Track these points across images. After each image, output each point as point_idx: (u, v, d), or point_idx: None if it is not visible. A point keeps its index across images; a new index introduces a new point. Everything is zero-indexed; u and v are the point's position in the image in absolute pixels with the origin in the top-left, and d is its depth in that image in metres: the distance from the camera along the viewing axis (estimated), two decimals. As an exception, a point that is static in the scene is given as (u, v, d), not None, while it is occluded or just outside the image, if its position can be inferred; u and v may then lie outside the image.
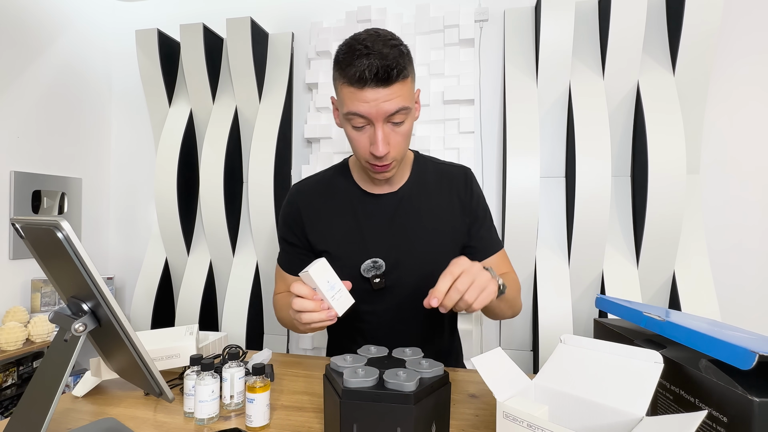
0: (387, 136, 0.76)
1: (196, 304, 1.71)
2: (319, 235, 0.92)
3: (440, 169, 0.94)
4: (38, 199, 1.76)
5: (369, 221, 0.90)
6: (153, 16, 1.98)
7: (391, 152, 0.78)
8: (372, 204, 0.90)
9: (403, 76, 0.73)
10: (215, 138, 1.69)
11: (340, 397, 0.53)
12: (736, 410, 0.42)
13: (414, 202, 0.90)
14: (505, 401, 0.49)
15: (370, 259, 0.87)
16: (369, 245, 0.88)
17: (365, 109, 0.74)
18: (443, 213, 0.90)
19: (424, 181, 0.92)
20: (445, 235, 0.89)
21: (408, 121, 0.78)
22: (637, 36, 1.35)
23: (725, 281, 1.41)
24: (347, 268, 0.87)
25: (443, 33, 1.57)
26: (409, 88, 0.76)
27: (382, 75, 0.71)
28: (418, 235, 0.88)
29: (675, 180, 1.31)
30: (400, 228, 0.89)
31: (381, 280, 0.87)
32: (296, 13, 1.79)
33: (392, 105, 0.73)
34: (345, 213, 0.91)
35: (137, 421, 0.70)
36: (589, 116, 1.39)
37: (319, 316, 0.69)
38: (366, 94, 0.72)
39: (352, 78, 0.72)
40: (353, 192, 0.92)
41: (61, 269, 0.59)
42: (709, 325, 0.62)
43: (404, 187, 0.91)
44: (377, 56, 0.71)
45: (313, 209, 0.92)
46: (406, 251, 0.88)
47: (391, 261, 0.88)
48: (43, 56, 1.80)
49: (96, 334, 0.62)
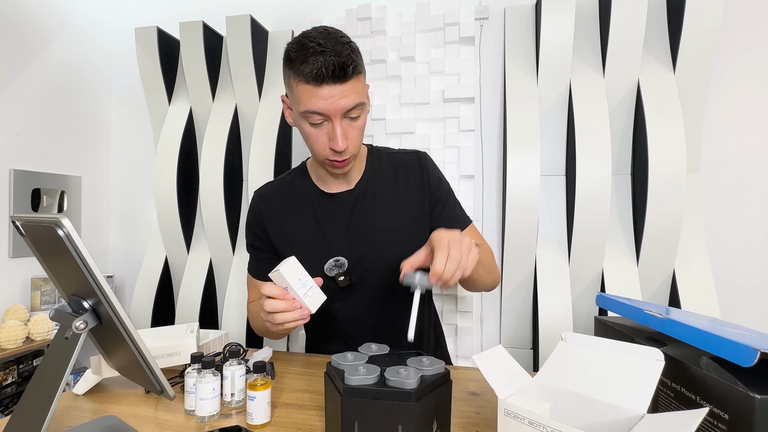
0: (345, 131, 0.77)
1: (196, 302, 1.71)
2: (282, 238, 0.92)
3: (394, 159, 0.94)
4: (38, 198, 1.76)
5: (328, 221, 0.90)
6: (153, 14, 1.98)
7: (349, 147, 0.79)
8: (330, 203, 0.91)
9: (357, 72, 0.75)
10: (215, 136, 1.69)
11: (342, 395, 0.53)
12: (737, 407, 0.42)
13: (371, 196, 0.90)
14: (507, 399, 0.49)
15: (332, 258, 0.88)
16: (330, 244, 0.89)
17: (323, 105, 0.74)
18: (401, 203, 0.90)
19: (379, 174, 0.92)
20: (405, 225, 0.90)
21: (363, 115, 0.80)
22: (637, 34, 1.35)
23: (725, 279, 1.41)
24: (311, 269, 0.86)
25: (443, 31, 1.57)
26: (363, 83, 0.78)
27: (339, 72, 0.72)
28: (378, 230, 0.89)
29: (675, 178, 1.31)
30: (359, 224, 0.89)
31: (346, 278, 0.88)
32: (296, 10, 1.79)
33: (349, 101, 0.74)
34: (305, 215, 0.92)
35: (138, 418, 0.70)
36: (590, 114, 1.39)
37: (292, 316, 0.69)
38: (323, 91, 0.73)
39: (308, 75, 0.72)
40: (312, 193, 0.92)
41: (62, 267, 0.59)
42: (709, 322, 0.62)
43: (360, 182, 0.91)
44: (332, 53, 0.71)
45: (274, 213, 0.93)
46: (367, 247, 0.89)
47: (354, 257, 0.89)
48: (43, 54, 1.79)
49: (97, 331, 0.62)
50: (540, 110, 1.48)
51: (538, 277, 1.44)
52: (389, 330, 0.93)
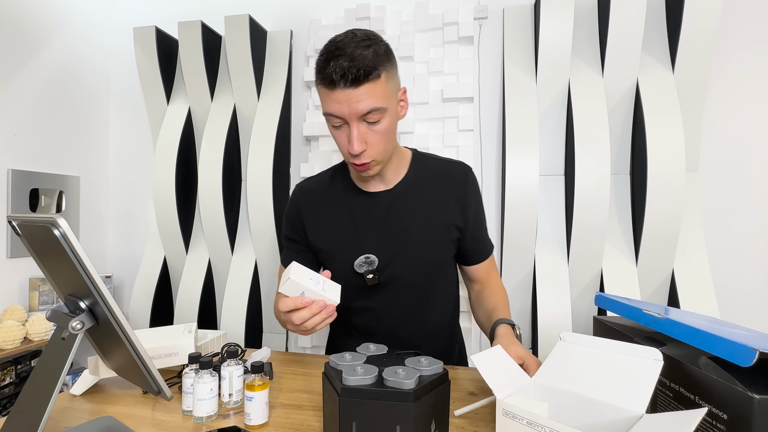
0: (363, 135, 0.78)
1: (194, 302, 1.70)
2: (317, 232, 0.93)
3: (439, 167, 0.95)
4: (36, 198, 1.76)
5: (363, 218, 0.91)
6: (151, 13, 1.97)
7: (369, 151, 0.79)
8: (366, 201, 0.91)
9: (374, 76, 0.74)
10: (214, 136, 1.69)
11: (339, 396, 0.53)
12: (736, 407, 0.42)
13: (409, 199, 0.91)
14: (505, 399, 0.49)
15: (363, 255, 0.88)
16: (363, 241, 0.89)
17: (338, 109, 0.76)
18: (439, 210, 0.91)
19: (420, 179, 0.92)
20: (440, 233, 0.90)
21: (385, 120, 0.79)
22: (636, 34, 1.35)
23: (724, 279, 1.41)
24: (341, 264, 0.89)
25: (442, 31, 1.57)
26: (382, 88, 0.77)
27: (350, 77, 0.73)
28: (412, 233, 0.89)
29: (674, 178, 1.31)
30: (394, 225, 0.89)
31: (374, 276, 0.88)
32: (295, 10, 1.79)
33: (363, 105, 0.75)
34: (341, 211, 0.92)
35: (135, 419, 0.70)
36: (589, 114, 1.39)
37: (320, 318, 0.70)
38: (337, 95, 0.75)
39: (324, 79, 0.75)
40: (349, 190, 0.93)
41: (59, 267, 0.58)
42: (708, 322, 0.62)
43: (400, 184, 0.91)
44: (346, 58, 0.73)
45: (312, 207, 0.94)
46: (399, 248, 0.89)
47: (385, 258, 0.89)
48: (41, 54, 1.79)
49: (94, 332, 0.62)
50: (539, 110, 1.48)
51: (537, 276, 1.43)
52: (413, 333, 0.93)
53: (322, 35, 1.66)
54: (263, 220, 1.65)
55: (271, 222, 1.64)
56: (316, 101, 1.67)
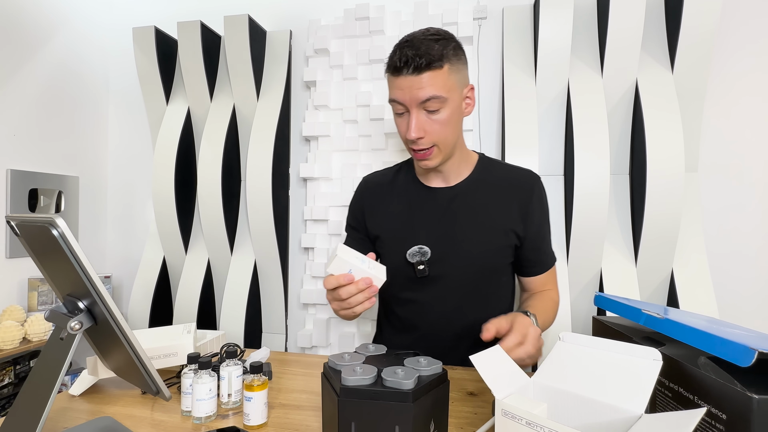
0: (422, 122, 0.82)
1: (194, 302, 1.70)
2: (375, 221, 0.98)
3: (506, 172, 0.96)
4: (35, 198, 1.75)
5: (421, 211, 0.93)
6: (150, 13, 1.97)
7: (428, 138, 0.83)
8: (426, 196, 0.94)
9: (436, 66, 0.78)
10: (213, 136, 1.69)
11: (338, 396, 0.53)
12: (735, 407, 0.42)
13: (469, 198, 0.92)
14: (504, 399, 0.49)
15: (416, 245, 0.90)
16: (418, 233, 0.91)
17: (400, 95, 0.82)
18: (498, 214, 0.91)
19: (484, 182, 0.94)
20: (496, 235, 0.90)
21: (445, 110, 0.82)
22: (635, 34, 1.35)
23: (723, 280, 1.41)
24: (395, 253, 0.91)
25: (442, 31, 1.57)
26: (444, 78, 0.80)
27: (413, 64, 0.78)
28: (468, 231, 0.90)
29: (673, 178, 1.31)
30: (450, 221, 0.91)
31: (425, 268, 0.90)
32: (294, 10, 1.78)
33: (423, 93, 0.79)
34: (401, 202, 0.96)
35: (134, 419, 0.69)
36: (588, 114, 1.39)
37: (365, 295, 0.72)
38: (399, 81, 0.81)
39: (390, 67, 0.83)
40: (412, 184, 0.97)
41: (57, 267, 0.58)
42: (707, 322, 0.62)
43: (461, 184, 0.94)
44: (412, 48, 0.79)
45: (374, 197, 1.00)
46: (453, 244, 0.90)
47: (438, 252, 0.90)
48: (40, 54, 1.79)
49: (92, 332, 0.62)
50: (538, 110, 1.48)
51: (536, 277, 1.43)
52: (452, 331, 0.93)
53: (322, 35, 1.66)
54: (262, 220, 1.64)
55: (271, 222, 1.64)
56: (316, 101, 1.67)
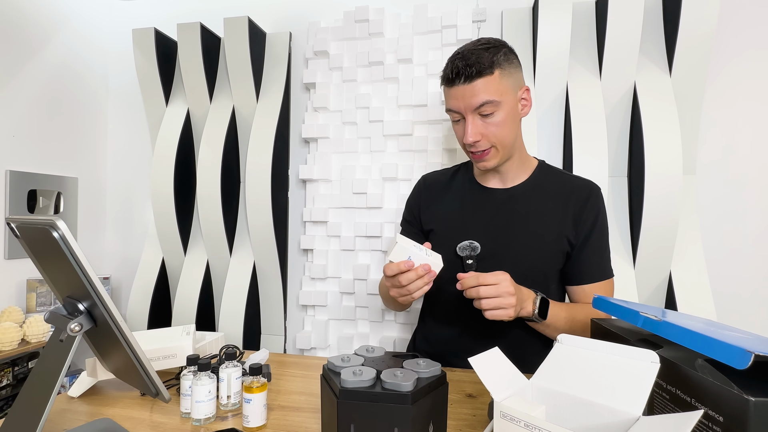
0: (478, 127, 0.86)
1: (193, 304, 1.70)
2: (430, 215, 1.01)
3: (564, 179, 0.97)
4: (34, 199, 1.75)
5: (475, 209, 0.96)
6: (150, 15, 1.97)
7: (485, 140, 0.87)
8: (482, 195, 0.97)
9: (487, 73, 0.83)
10: (212, 138, 1.69)
11: (338, 398, 0.53)
12: (732, 410, 0.42)
13: (524, 201, 0.94)
14: (503, 401, 0.49)
15: (467, 240, 0.93)
16: (469, 229, 0.94)
17: (454, 104, 0.87)
18: (552, 219, 0.92)
19: (540, 186, 0.96)
20: (547, 240, 0.91)
21: (500, 113, 0.86)
22: (634, 36, 1.36)
23: (721, 282, 1.42)
24: (445, 246, 0.92)
25: (441, 33, 1.57)
26: (496, 83, 0.84)
27: (464, 74, 0.83)
28: (520, 233, 0.92)
29: (671, 181, 1.31)
30: (503, 221, 0.93)
31: (473, 263, 0.92)
32: (294, 12, 1.79)
33: (476, 99, 0.84)
34: (456, 199, 1.00)
35: (133, 421, 0.69)
36: (587, 117, 1.39)
37: (423, 281, 0.76)
38: (454, 91, 0.86)
39: (444, 79, 0.88)
40: (468, 183, 1.01)
41: (57, 269, 0.58)
42: (705, 324, 0.62)
43: (518, 186, 0.96)
44: (460, 58, 0.84)
45: (430, 193, 1.04)
46: (504, 244, 0.92)
47: (488, 249, 0.92)
48: (40, 55, 1.79)
49: (92, 334, 0.62)
50: (537, 112, 1.48)
51: (535, 278, 1.43)
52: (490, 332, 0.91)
53: (321, 37, 1.66)
54: (262, 221, 1.65)
55: (270, 224, 1.64)
56: (315, 103, 1.67)
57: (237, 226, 1.78)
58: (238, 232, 1.78)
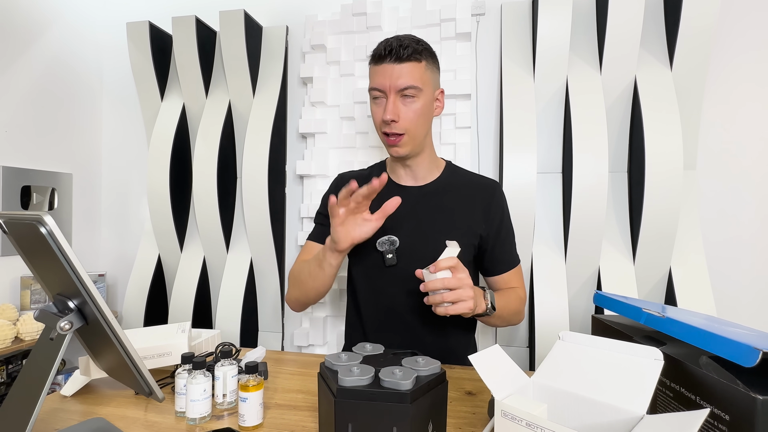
0: (397, 107, 0.89)
1: (189, 301, 1.69)
2: None
3: (470, 178, 1.05)
4: (28, 195, 1.73)
5: None
6: (144, 8, 1.94)
7: (402, 123, 0.89)
8: (397, 192, 0.99)
9: (415, 59, 0.88)
10: (208, 133, 1.67)
11: (335, 396, 0.52)
12: (738, 408, 0.41)
13: (437, 198, 1.00)
14: (504, 399, 0.48)
15: (386, 236, 0.96)
16: (387, 226, 0.95)
17: (380, 81, 0.89)
18: (463, 213, 0.98)
19: (450, 185, 1.02)
20: (460, 232, 0.96)
21: (420, 101, 0.90)
22: (634, 31, 1.34)
23: (721, 277, 1.41)
24: (364, 242, 0.94)
25: (439, 27, 1.56)
26: (422, 72, 0.89)
27: (395, 53, 0.86)
28: (435, 227, 0.96)
29: (672, 176, 1.30)
30: (418, 217, 0.98)
31: (393, 257, 0.95)
32: (290, 6, 1.77)
33: (401, 81, 0.87)
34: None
35: (127, 421, 0.68)
36: (586, 112, 1.38)
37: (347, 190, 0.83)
38: (381, 69, 0.89)
39: (374, 57, 0.90)
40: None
41: (47, 266, 0.57)
42: (707, 321, 0.61)
43: (430, 185, 1.02)
44: (395, 40, 0.88)
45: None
46: (420, 239, 0.96)
47: (406, 243, 0.96)
48: (33, 49, 1.76)
49: (83, 332, 0.60)
50: (537, 107, 1.47)
51: (534, 274, 1.43)
52: (419, 322, 0.96)
53: (318, 31, 1.64)
54: (258, 217, 1.63)
55: (267, 220, 1.62)
56: (312, 98, 1.65)
57: (234, 222, 1.77)
58: (234, 229, 1.76)
